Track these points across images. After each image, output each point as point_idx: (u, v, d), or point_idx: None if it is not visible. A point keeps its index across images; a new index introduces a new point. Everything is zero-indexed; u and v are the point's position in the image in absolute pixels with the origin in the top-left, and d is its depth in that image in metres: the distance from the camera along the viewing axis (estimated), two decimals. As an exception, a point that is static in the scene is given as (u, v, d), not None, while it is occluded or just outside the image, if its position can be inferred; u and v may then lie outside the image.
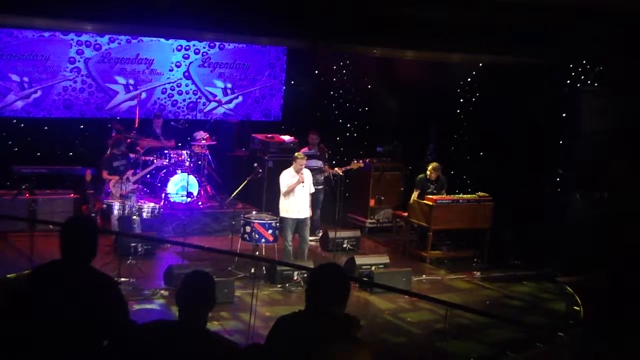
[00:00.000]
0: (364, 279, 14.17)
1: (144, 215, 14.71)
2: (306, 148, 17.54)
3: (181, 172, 16.93)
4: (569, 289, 15.30)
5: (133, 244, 14.07)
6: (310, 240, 16.29)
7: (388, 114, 19.74)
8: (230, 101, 19.80)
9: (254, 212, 15.31)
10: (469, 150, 18.99)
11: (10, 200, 15.71)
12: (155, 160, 16.62)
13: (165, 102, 19.02)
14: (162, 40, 18.48)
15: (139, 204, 14.84)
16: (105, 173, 15.53)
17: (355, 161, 17.29)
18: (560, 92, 16.97)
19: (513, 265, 16.39)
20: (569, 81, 17.09)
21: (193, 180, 17.07)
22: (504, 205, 16.53)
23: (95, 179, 16.20)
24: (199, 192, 17.24)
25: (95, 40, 17.82)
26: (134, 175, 15.85)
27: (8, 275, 11.55)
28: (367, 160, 18.36)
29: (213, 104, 19.44)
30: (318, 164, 17.30)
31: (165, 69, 18.83)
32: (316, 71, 20.56)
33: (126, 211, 14.46)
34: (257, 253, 14.37)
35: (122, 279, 12.67)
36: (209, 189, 17.71)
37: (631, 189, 15.68)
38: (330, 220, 16.77)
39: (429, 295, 13.45)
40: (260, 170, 16.65)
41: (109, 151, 16.19)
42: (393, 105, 19.51)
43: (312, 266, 12.45)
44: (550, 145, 16.94)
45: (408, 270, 14.59)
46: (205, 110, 19.55)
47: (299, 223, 14.68)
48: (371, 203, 18.43)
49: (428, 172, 16.57)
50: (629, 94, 15.87)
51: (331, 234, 16.18)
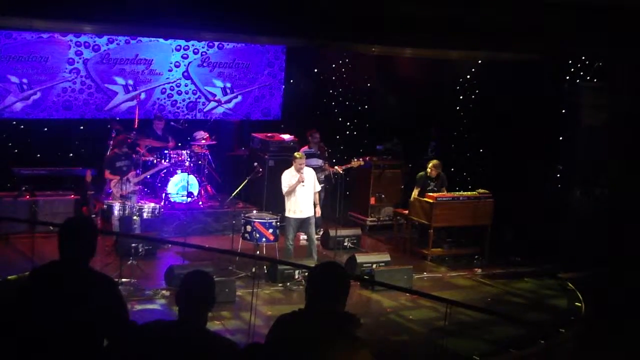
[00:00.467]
0: (365, 277, 14.17)
1: (145, 215, 14.72)
2: (306, 147, 17.54)
3: (181, 172, 16.92)
4: (570, 285, 15.30)
5: (134, 245, 14.07)
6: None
7: (388, 111, 19.75)
8: (229, 101, 19.78)
9: (255, 212, 15.29)
10: (469, 148, 19.00)
11: (10, 202, 15.71)
12: (156, 162, 16.65)
13: (164, 102, 19.00)
14: (161, 40, 18.46)
15: (140, 204, 14.84)
16: (108, 172, 15.55)
17: (355, 159, 17.27)
18: (560, 89, 16.97)
19: (514, 262, 16.41)
20: (568, 77, 17.10)
21: (193, 180, 17.06)
22: (504, 202, 16.53)
23: (96, 179, 16.21)
24: (199, 192, 17.24)
25: (94, 41, 17.80)
26: (136, 176, 15.86)
27: (9, 277, 11.53)
28: (367, 158, 18.35)
29: (212, 104, 19.42)
30: (318, 162, 17.29)
31: (165, 69, 18.82)
32: (315, 70, 20.55)
33: (126, 211, 14.45)
34: (258, 252, 14.36)
35: (124, 280, 12.71)
36: (209, 188, 17.71)
37: (631, 185, 15.68)
38: (331, 219, 16.77)
39: (430, 292, 13.46)
40: (260, 170, 16.66)
41: (110, 151, 16.22)
42: (393, 103, 19.52)
43: (312, 265, 12.44)
44: (551, 141, 16.95)
45: (409, 268, 14.59)
46: (204, 110, 19.54)
47: (303, 222, 14.63)
48: (372, 201, 18.43)
49: (428, 170, 16.57)
50: (628, 89, 15.88)
51: (332, 233, 16.19)
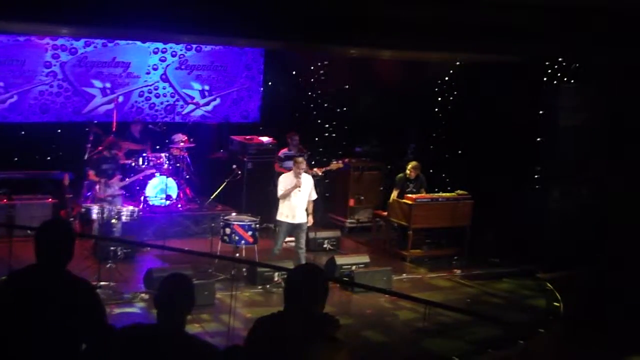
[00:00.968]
0: (345, 278, 14.17)
1: (123, 218, 14.64)
2: (285, 149, 17.55)
3: (160, 175, 16.86)
4: (548, 285, 15.36)
5: (112, 248, 14.04)
6: (291, 241, 16.30)
7: (367, 113, 19.75)
8: (208, 103, 19.74)
9: (234, 214, 15.26)
10: (447, 149, 19.02)
11: (-13, 206, 15.64)
12: (134, 165, 16.60)
13: (142, 105, 18.94)
14: (139, 43, 18.41)
15: (118, 207, 14.78)
16: (92, 174, 15.46)
17: (334, 161, 17.26)
18: (538, 90, 17.02)
19: (493, 262, 16.46)
20: (546, 78, 17.15)
21: (172, 183, 17.00)
22: (483, 203, 16.57)
23: (74, 183, 16.14)
24: (178, 195, 17.18)
25: (71, 44, 17.73)
26: (121, 180, 15.81)
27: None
28: (346, 160, 18.34)
29: (191, 107, 19.39)
30: (298, 164, 17.30)
31: (142, 72, 18.76)
32: (294, 72, 20.52)
33: (105, 215, 14.38)
34: (237, 255, 14.36)
35: (102, 283, 12.66)
36: (188, 191, 17.66)
37: (611, 186, 15.76)
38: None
39: (410, 294, 13.51)
40: (239, 172, 16.66)
41: (93, 152, 16.15)
42: (371, 105, 19.53)
43: (292, 267, 12.43)
44: (529, 142, 16.99)
45: (388, 270, 14.62)
46: (183, 113, 19.49)
47: (295, 228, 14.41)
48: (351, 203, 18.46)
49: (407, 171, 16.61)
50: (607, 90, 15.96)
51: (312, 235, 16.15)
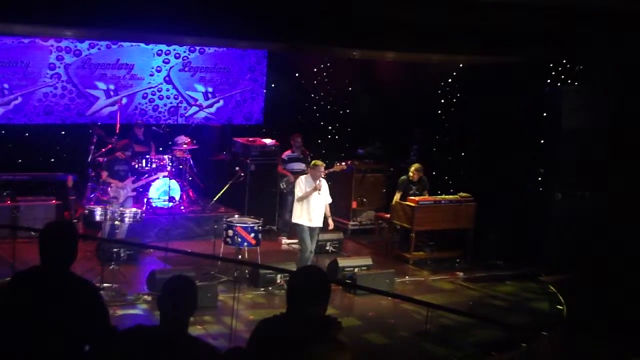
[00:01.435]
0: (347, 281, 14.16)
1: (127, 220, 14.65)
2: (289, 151, 17.55)
3: (163, 177, 16.87)
4: (551, 288, 15.35)
5: (116, 249, 14.05)
6: (294, 243, 16.35)
7: (369, 115, 19.76)
8: (211, 105, 19.78)
9: (236, 216, 15.25)
10: (450, 151, 19.02)
11: (-9, 208, 15.66)
12: (147, 167, 16.68)
13: (146, 107, 18.98)
14: (142, 45, 18.46)
15: (122, 209, 14.78)
16: (106, 174, 15.49)
17: (337, 163, 17.22)
18: (541, 92, 17.02)
19: (496, 265, 16.42)
20: (549, 80, 17.15)
21: (175, 184, 17.00)
22: (486, 206, 16.56)
23: (77, 184, 16.16)
24: (181, 197, 17.19)
25: (75, 46, 17.78)
26: (134, 182, 15.84)
27: (-11, 283, 11.50)
28: (349, 162, 18.28)
29: (194, 109, 19.41)
30: (301, 167, 17.31)
31: (146, 74, 18.80)
32: (297, 74, 20.54)
33: (108, 216, 14.38)
34: (240, 257, 14.36)
35: (105, 285, 12.66)
36: (191, 193, 17.66)
37: (613, 187, 15.76)
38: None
39: (412, 296, 13.49)
40: (241, 174, 16.69)
41: (91, 154, 16.20)
42: (374, 107, 19.53)
43: (295, 269, 12.42)
44: (532, 144, 16.99)
45: (391, 272, 14.59)
46: (186, 115, 19.51)
47: (311, 231, 14.35)
48: (353, 205, 18.43)
49: (410, 174, 16.57)
50: (610, 92, 15.97)
51: (314, 237, 16.16)
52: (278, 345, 4.96)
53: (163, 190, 16.81)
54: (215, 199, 17.09)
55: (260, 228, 14.53)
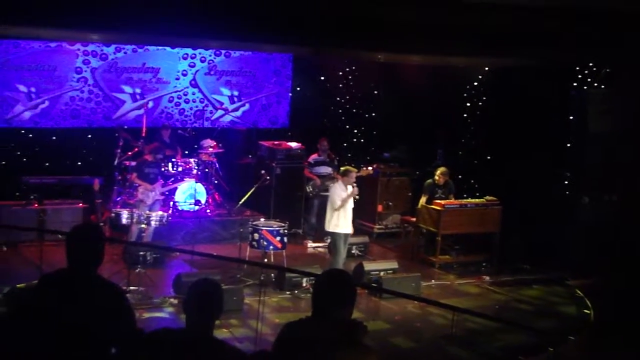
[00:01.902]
0: (373, 284, 14.15)
1: (153, 223, 14.68)
2: (315, 154, 17.59)
3: (189, 180, 16.91)
4: (578, 292, 15.28)
5: (142, 253, 14.09)
6: (319, 247, 16.36)
7: (395, 119, 19.74)
8: (237, 109, 19.81)
9: (262, 219, 15.25)
10: (476, 154, 18.97)
11: (19, 211, 15.72)
12: (173, 171, 16.75)
13: (172, 111, 19.04)
14: (168, 48, 18.52)
15: (148, 212, 14.81)
16: (135, 176, 15.53)
17: (364, 167, 17.23)
18: (567, 95, 16.96)
19: (522, 269, 16.36)
20: (576, 84, 17.08)
21: (201, 188, 17.06)
22: (512, 209, 16.51)
23: (103, 188, 16.22)
24: (207, 200, 17.23)
25: (102, 50, 17.88)
26: (163, 186, 15.89)
27: (18, 285, 11.55)
28: (375, 165, 18.26)
29: (220, 112, 19.46)
30: (328, 170, 17.36)
31: (172, 78, 18.87)
32: (322, 77, 20.56)
33: (134, 220, 14.42)
34: (266, 260, 14.37)
35: (132, 288, 12.71)
36: (216, 196, 17.70)
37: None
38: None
39: (438, 300, 13.46)
40: (267, 178, 16.71)
41: (117, 157, 16.28)
42: (400, 111, 19.50)
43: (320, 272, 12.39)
44: (558, 148, 16.93)
45: (417, 276, 14.56)
46: (212, 119, 19.57)
47: (345, 239, 14.33)
48: (379, 209, 18.39)
49: (436, 177, 16.54)
50: (636, 95, 15.86)
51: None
52: (304, 349, 4.95)
53: (189, 193, 16.86)
54: (241, 203, 17.11)
55: (286, 231, 14.53)
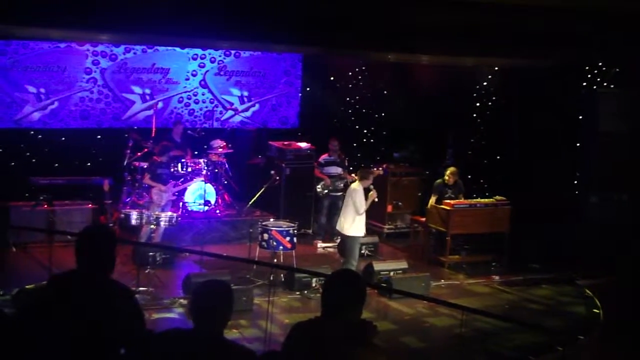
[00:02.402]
0: (383, 284, 14.14)
1: (162, 224, 14.68)
2: (326, 154, 17.59)
3: (198, 181, 16.92)
4: (588, 292, 15.24)
5: (151, 253, 14.07)
6: (329, 247, 16.36)
7: (404, 119, 19.72)
8: (247, 109, 19.80)
9: (272, 220, 15.22)
10: (486, 154, 18.95)
11: (28, 211, 15.70)
12: (182, 171, 16.75)
13: (182, 111, 19.03)
14: (178, 49, 18.51)
15: (157, 213, 14.81)
16: (148, 177, 15.53)
17: (375, 168, 17.22)
18: (577, 94, 16.93)
19: (532, 268, 16.33)
20: (585, 83, 17.06)
21: (210, 188, 17.06)
22: (522, 209, 16.48)
23: (113, 189, 16.23)
24: (216, 201, 17.24)
25: (111, 51, 17.88)
26: (175, 187, 15.91)
27: (27, 286, 11.56)
28: (385, 165, 18.26)
29: (230, 112, 19.44)
30: (338, 170, 17.37)
31: (182, 78, 18.86)
32: (332, 78, 20.54)
33: (144, 220, 14.42)
34: (275, 260, 14.37)
35: (141, 288, 12.72)
36: (226, 197, 17.70)
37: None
38: (348, 227, 16.74)
39: (448, 300, 13.43)
40: (277, 178, 16.72)
41: (127, 158, 16.32)
42: (409, 111, 19.49)
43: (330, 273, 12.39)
44: (568, 147, 16.90)
45: (427, 275, 14.55)
46: (222, 119, 19.55)
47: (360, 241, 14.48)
48: (389, 209, 18.36)
49: (445, 177, 16.54)
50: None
51: (349, 240, 16.15)
52: (313, 349, 4.96)
53: (199, 194, 16.86)
54: (250, 203, 17.11)
55: (295, 232, 14.52)
